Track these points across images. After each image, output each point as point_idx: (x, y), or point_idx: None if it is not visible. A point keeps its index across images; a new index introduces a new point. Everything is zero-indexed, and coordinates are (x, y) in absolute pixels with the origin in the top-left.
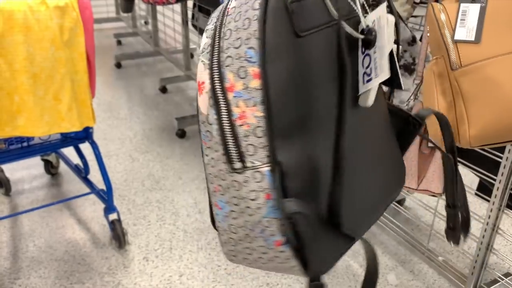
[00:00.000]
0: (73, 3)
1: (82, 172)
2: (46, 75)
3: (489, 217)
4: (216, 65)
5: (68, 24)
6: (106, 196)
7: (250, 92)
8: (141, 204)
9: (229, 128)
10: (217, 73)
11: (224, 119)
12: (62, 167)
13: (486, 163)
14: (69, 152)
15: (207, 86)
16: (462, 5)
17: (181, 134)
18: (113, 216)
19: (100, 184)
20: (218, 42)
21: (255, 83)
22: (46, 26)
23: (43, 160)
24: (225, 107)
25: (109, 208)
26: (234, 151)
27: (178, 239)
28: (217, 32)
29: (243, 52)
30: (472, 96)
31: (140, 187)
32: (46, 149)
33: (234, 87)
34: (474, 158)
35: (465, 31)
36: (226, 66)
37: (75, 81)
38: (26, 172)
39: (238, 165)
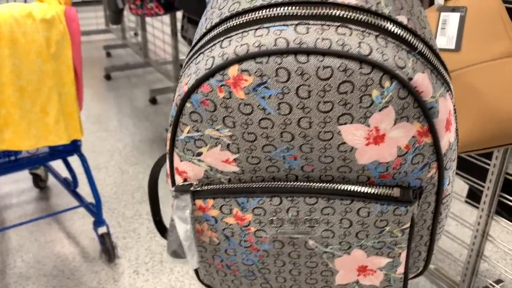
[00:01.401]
0: (60, 16)
1: (70, 185)
2: (33, 88)
3: (478, 224)
4: (449, 76)
5: (55, 36)
6: (95, 210)
7: None
8: (131, 217)
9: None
10: (447, 73)
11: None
12: (51, 180)
13: (475, 170)
14: (57, 165)
15: (453, 108)
16: (443, 14)
17: None
18: (102, 230)
19: (90, 197)
20: (437, 58)
21: None
22: (32, 39)
23: (31, 173)
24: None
25: (98, 221)
26: None
27: None
28: (430, 52)
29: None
30: None
31: (130, 199)
32: (34, 163)
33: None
34: (464, 165)
35: (446, 39)
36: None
37: (63, 93)
38: (14, 186)
39: None
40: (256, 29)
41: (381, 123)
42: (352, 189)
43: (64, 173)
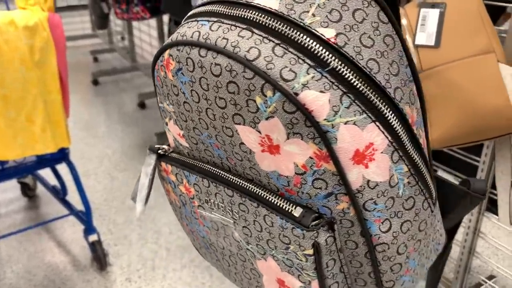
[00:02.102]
0: (43, 23)
1: (59, 193)
2: (17, 96)
3: (469, 221)
4: (390, 108)
5: (38, 44)
6: (85, 217)
7: (419, 115)
8: (122, 224)
9: (424, 166)
10: (396, 115)
11: (417, 160)
12: (39, 189)
13: (465, 167)
14: (46, 173)
15: (381, 142)
16: (422, 10)
17: None
18: (93, 238)
19: (79, 205)
20: (370, 81)
21: (417, 102)
22: (15, 47)
23: (19, 182)
24: (416, 148)
25: (89, 229)
26: (432, 185)
27: (161, 257)
28: (356, 73)
29: (404, 74)
30: (433, 99)
31: (120, 206)
32: (22, 172)
33: (413, 118)
34: (453, 162)
35: (425, 36)
36: (400, 100)
37: (48, 101)
38: (2, 195)
39: (434, 195)
40: (193, 21)
41: (271, 132)
42: (259, 193)
43: (53, 181)
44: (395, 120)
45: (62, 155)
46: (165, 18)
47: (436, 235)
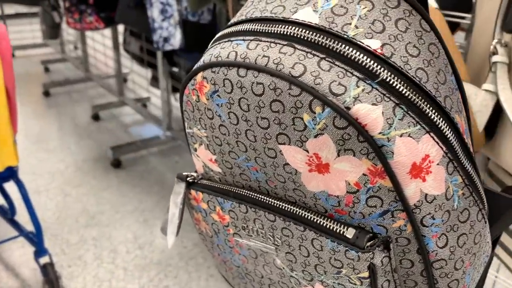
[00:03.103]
0: None
1: (7, 213)
2: None
3: None
4: (442, 117)
5: None
6: (36, 238)
7: (466, 124)
8: (76, 243)
9: (476, 175)
10: (448, 124)
11: (470, 169)
12: None
13: None
14: None
15: (437, 154)
16: None
17: (117, 164)
18: (44, 260)
19: (29, 225)
20: (421, 91)
21: (464, 111)
22: None
23: None
24: (468, 157)
25: (40, 251)
26: (484, 195)
27: (118, 278)
28: (407, 83)
29: (451, 82)
30: None
31: (74, 224)
32: None
33: (463, 127)
34: None
35: None
36: (451, 109)
37: None
38: None
39: (486, 205)
40: (225, 41)
41: (320, 150)
42: (305, 215)
43: (0, 200)
44: (448, 130)
45: (9, 173)
46: (120, 28)
47: (487, 247)
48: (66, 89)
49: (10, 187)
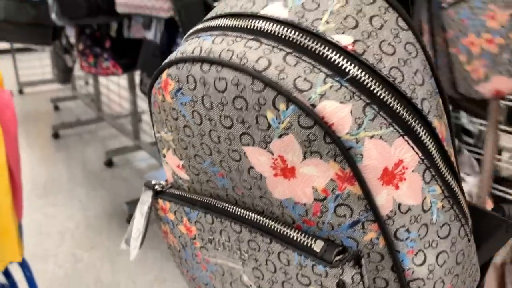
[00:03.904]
0: None
1: None
2: None
3: None
4: (418, 121)
5: None
6: None
7: (447, 131)
8: None
9: (457, 187)
10: (425, 129)
11: (450, 180)
12: None
13: None
14: None
15: (412, 159)
16: None
17: None
18: None
19: None
20: (394, 91)
21: (444, 116)
22: None
23: None
24: (448, 166)
25: None
26: (467, 210)
27: None
28: (379, 82)
29: (429, 85)
30: None
31: None
32: None
33: (443, 133)
34: None
35: None
36: (428, 112)
37: None
38: None
39: (470, 222)
40: (194, 38)
41: (285, 152)
42: (272, 226)
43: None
44: (425, 135)
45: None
46: None
47: (473, 270)
48: (76, 131)
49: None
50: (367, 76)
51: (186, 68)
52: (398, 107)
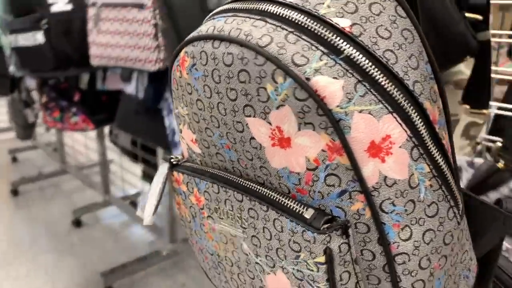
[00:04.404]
0: None
1: None
2: None
3: None
4: (409, 100)
5: None
6: None
7: (442, 116)
8: None
9: (448, 170)
10: (415, 108)
11: (440, 161)
12: None
13: None
14: None
15: (399, 136)
16: None
17: None
18: None
19: None
20: (387, 71)
21: (439, 102)
22: None
23: None
24: (438, 148)
25: None
26: (458, 194)
27: None
28: (372, 62)
29: (424, 70)
30: None
31: None
32: None
33: (435, 116)
34: None
35: None
36: (420, 94)
37: None
38: None
39: (461, 206)
40: (209, 20)
41: (282, 123)
42: (269, 195)
43: None
44: (414, 114)
45: None
46: None
47: (465, 257)
48: (38, 185)
49: None
50: (360, 56)
51: (200, 45)
52: (389, 86)
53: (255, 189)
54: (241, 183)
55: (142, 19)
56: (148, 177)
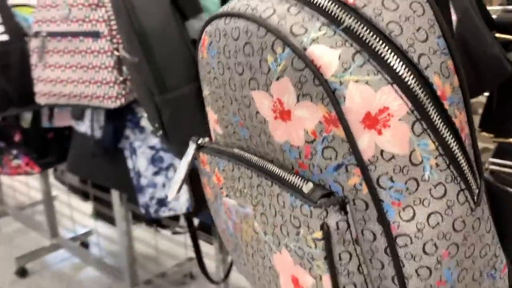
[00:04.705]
0: None
1: None
2: None
3: None
4: (412, 72)
5: None
6: None
7: (457, 94)
8: None
9: (460, 150)
10: (419, 81)
11: (448, 138)
12: None
13: None
14: None
15: (399, 109)
16: None
17: None
18: None
19: None
20: (389, 43)
21: (456, 80)
22: None
23: None
24: (447, 125)
25: None
26: (470, 176)
27: None
28: (374, 33)
29: (435, 43)
30: None
31: None
32: None
33: (445, 92)
34: None
35: None
36: (426, 67)
37: None
38: None
39: (476, 191)
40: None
41: (282, 95)
42: (273, 170)
43: None
44: (417, 86)
45: None
46: None
47: (485, 251)
48: None
49: None
50: (361, 27)
51: (216, 24)
52: (390, 57)
53: (261, 165)
54: (252, 160)
55: (97, 49)
56: (100, 215)
